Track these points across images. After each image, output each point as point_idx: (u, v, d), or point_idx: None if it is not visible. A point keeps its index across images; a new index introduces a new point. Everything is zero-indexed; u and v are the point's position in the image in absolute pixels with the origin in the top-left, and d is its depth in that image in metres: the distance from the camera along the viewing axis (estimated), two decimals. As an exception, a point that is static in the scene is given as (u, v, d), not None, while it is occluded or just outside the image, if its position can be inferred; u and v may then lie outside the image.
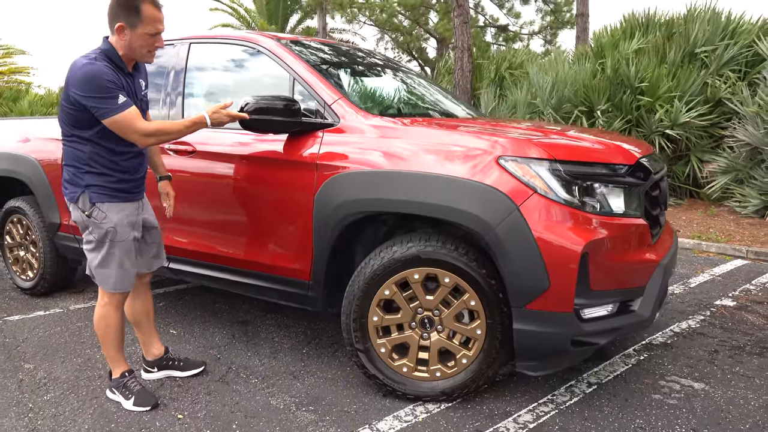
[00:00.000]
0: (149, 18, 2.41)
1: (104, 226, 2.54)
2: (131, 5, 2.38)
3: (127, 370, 2.77)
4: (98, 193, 2.52)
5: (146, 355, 2.99)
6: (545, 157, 2.38)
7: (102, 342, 2.72)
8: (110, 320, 2.68)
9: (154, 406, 2.67)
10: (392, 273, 2.59)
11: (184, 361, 3.03)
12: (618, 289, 2.49)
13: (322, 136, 2.82)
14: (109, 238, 2.55)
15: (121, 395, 2.70)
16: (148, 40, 2.45)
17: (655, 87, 7.77)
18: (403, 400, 2.69)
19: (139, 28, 2.41)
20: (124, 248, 2.59)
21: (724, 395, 2.75)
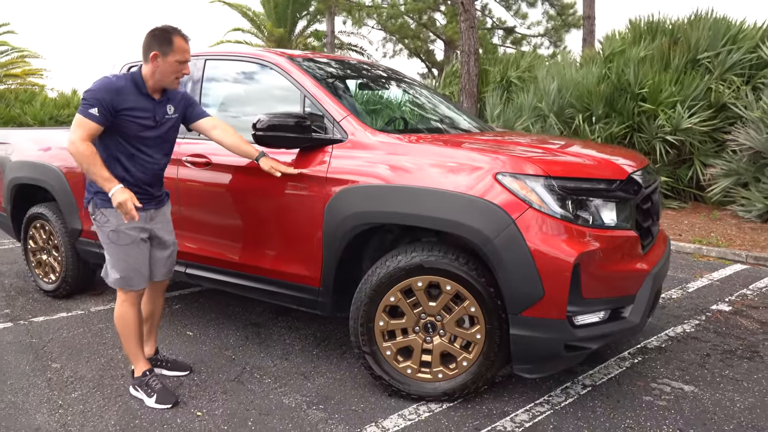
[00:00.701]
0: (179, 48, 2.75)
1: (106, 229, 2.82)
2: (166, 37, 2.74)
3: (149, 369, 2.98)
4: (103, 199, 2.78)
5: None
6: (540, 173, 2.55)
7: (123, 339, 2.94)
8: (128, 317, 2.91)
9: (174, 404, 2.86)
10: (397, 281, 2.77)
11: (172, 362, 3.24)
12: (609, 297, 2.65)
13: (331, 151, 3.00)
14: (111, 240, 2.82)
15: (144, 393, 2.90)
16: (176, 66, 2.77)
17: (657, 92, 7.89)
18: (408, 399, 2.86)
19: (170, 56, 2.74)
20: (131, 250, 2.84)
21: (711, 397, 2.90)
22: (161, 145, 2.92)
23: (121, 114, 2.71)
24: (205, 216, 3.49)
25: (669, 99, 7.84)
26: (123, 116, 2.72)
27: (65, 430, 2.64)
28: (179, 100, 2.98)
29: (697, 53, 8.32)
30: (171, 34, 2.75)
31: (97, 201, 2.81)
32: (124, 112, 2.72)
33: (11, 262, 5.71)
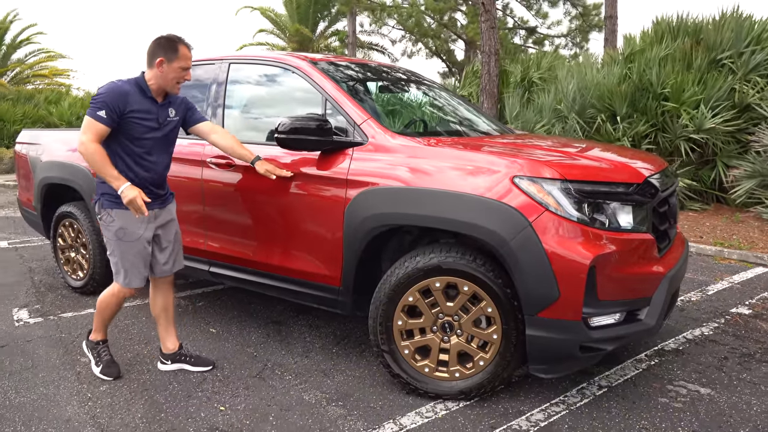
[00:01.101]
0: (183, 56, 2.96)
1: (112, 228, 3.01)
2: (171, 45, 2.95)
3: (103, 340, 3.31)
4: (109, 200, 2.98)
5: (163, 348, 3.34)
6: (557, 177, 2.59)
7: (97, 313, 3.26)
8: (112, 306, 3.21)
9: (116, 377, 3.17)
10: (415, 281, 2.83)
11: (195, 357, 3.35)
12: (625, 299, 2.68)
13: (351, 154, 3.06)
14: (117, 237, 3.01)
15: (93, 358, 3.27)
16: (180, 72, 2.97)
17: (680, 92, 7.83)
18: (425, 397, 2.92)
19: (175, 63, 2.95)
20: (133, 249, 3.03)
21: (728, 400, 2.91)
22: (163, 146, 3.10)
23: (127, 116, 2.90)
24: (229, 216, 3.58)
25: (692, 99, 7.78)
26: (129, 118, 2.91)
27: (94, 422, 2.74)
28: (179, 103, 3.18)
29: (720, 53, 8.24)
30: (176, 42, 2.96)
31: (104, 202, 3.00)
32: (129, 115, 2.90)
33: (41, 259, 5.88)
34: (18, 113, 17.87)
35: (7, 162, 14.50)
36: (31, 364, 3.36)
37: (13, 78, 24.63)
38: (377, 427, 2.68)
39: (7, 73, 24.03)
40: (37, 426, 2.70)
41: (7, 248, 6.41)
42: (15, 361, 3.40)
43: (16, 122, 17.61)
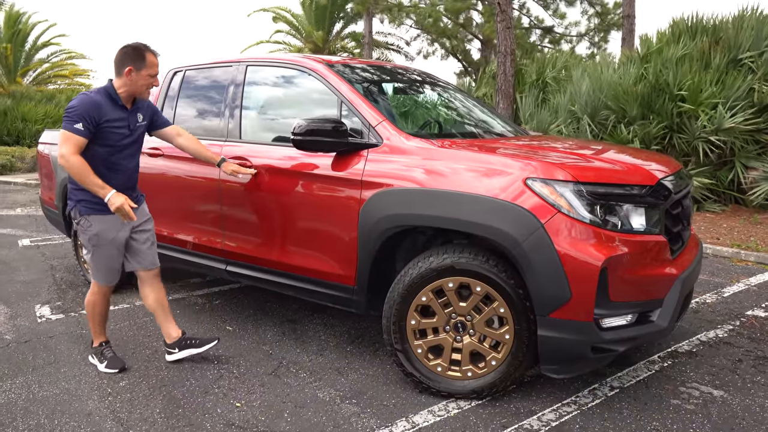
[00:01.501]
0: (150, 63, 3.11)
1: (88, 233, 3.15)
2: (139, 54, 3.08)
3: (105, 341, 3.42)
4: (86, 207, 3.11)
5: (166, 339, 3.46)
6: (569, 179, 2.61)
7: (89, 319, 3.39)
8: (97, 306, 3.35)
9: (121, 369, 3.29)
10: (429, 281, 2.86)
11: (199, 339, 3.47)
12: (637, 301, 2.69)
13: (366, 155, 3.11)
14: (93, 243, 3.16)
15: (97, 360, 3.34)
16: (149, 79, 3.12)
17: (697, 93, 7.77)
18: (437, 396, 2.95)
19: (143, 71, 3.09)
20: (107, 252, 3.20)
21: (741, 403, 2.91)
22: (134, 150, 3.26)
23: (102, 126, 3.03)
24: (245, 216, 3.64)
25: (709, 99, 7.71)
26: (104, 128, 3.05)
27: (114, 416, 2.81)
28: (146, 108, 3.32)
29: (740, 53, 8.16)
30: (143, 51, 3.09)
31: (81, 208, 3.12)
32: (104, 124, 3.03)
33: (62, 257, 6.00)
34: (40, 113, 18.18)
35: (29, 161, 14.75)
36: (54, 359, 3.45)
37: (35, 78, 25.02)
38: (390, 425, 2.72)
39: (29, 73, 24.41)
40: (59, 419, 2.78)
41: (29, 246, 6.54)
42: (38, 356, 3.49)
43: (38, 122, 17.92)
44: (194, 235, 3.96)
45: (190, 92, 4.19)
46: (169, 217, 4.11)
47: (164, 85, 4.33)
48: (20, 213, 8.81)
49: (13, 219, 8.28)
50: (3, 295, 4.70)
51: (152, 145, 4.08)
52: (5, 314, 4.23)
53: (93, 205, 3.09)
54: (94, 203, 3.09)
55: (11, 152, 14.89)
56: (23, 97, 19.07)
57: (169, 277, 5.08)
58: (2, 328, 3.95)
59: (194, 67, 4.21)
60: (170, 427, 2.71)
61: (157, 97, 4.34)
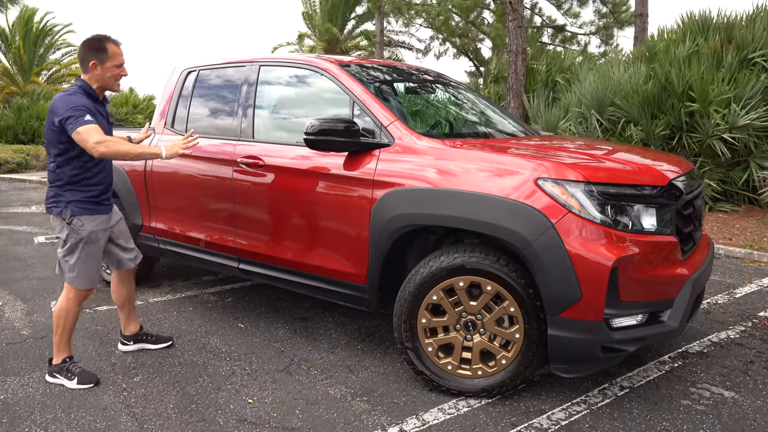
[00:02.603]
0: (113, 53, 3.08)
1: (82, 233, 3.10)
2: (99, 46, 3.06)
3: (68, 356, 3.22)
4: (78, 207, 3.09)
5: (124, 331, 3.59)
6: (580, 179, 2.62)
7: (57, 329, 3.18)
8: (71, 314, 3.19)
9: (96, 383, 3.14)
10: (439, 280, 2.88)
11: (155, 336, 3.62)
12: (647, 301, 2.70)
13: (378, 155, 3.13)
14: (83, 242, 3.11)
15: (64, 378, 3.14)
16: (115, 70, 3.10)
17: (706, 91, 7.70)
18: (447, 394, 2.98)
19: (108, 62, 3.07)
20: (93, 252, 3.16)
21: (752, 404, 2.91)
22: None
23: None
24: (258, 215, 3.68)
25: (720, 98, 7.64)
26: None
27: (129, 411, 2.86)
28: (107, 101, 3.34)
29: (753, 51, 8.09)
30: (103, 42, 3.06)
31: (73, 209, 3.09)
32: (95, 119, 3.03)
33: (76, 254, 6.06)
34: (54, 111, 18.34)
35: (43, 159, 14.90)
36: (69, 354, 3.51)
37: (50, 77, 25.26)
38: (400, 422, 2.74)
39: (43, 72, 24.65)
40: (76, 413, 2.83)
41: (44, 243, 6.63)
42: (54, 352, 3.54)
43: (52, 120, 18.08)
44: (207, 233, 4.00)
45: (204, 92, 4.23)
46: (182, 215, 4.15)
47: (178, 85, 4.38)
48: (35, 210, 8.92)
49: (29, 216, 8.38)
50: (20, 291, 4.77)
51: (166, 144, 4.13)
52: (22, 310, 4.30)
53: (85, 204, 3.10)
54: (85, 203, 3.10)
55: (26, 150, 15.07)
56: (39, 96, 19.26)
57: (182, 275, 5.14)
58: (19, 324, 4.02)
59: (208, 66, 4.25)
60: (184, 423, 2.75)
61: (170, 97, 4.39)
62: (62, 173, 3.08)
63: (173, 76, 4.46)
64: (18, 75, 23.98)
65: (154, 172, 4.25)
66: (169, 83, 4.46)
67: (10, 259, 5.86)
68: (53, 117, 2.98)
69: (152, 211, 4.34)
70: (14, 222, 7.90)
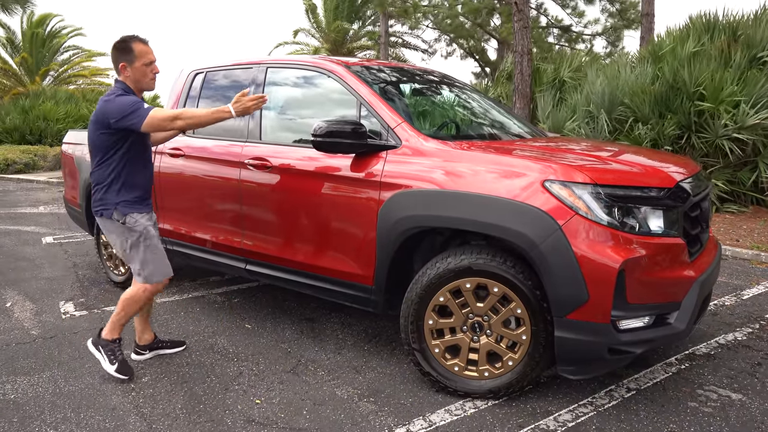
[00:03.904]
0: (140, 52, 3.08)
1: (138, 229, 3.16)
2: (126, 47, 3.08)
3: (120, 339, 3.29)
4: (127, 205, 3.14)
5: (139, 340, 3.53)
6: (588, 181, 2.62)
7: (123, 314, 3.22)
8: (140, 303, 3.24)
9: (130, 377, 3.19)
10: (446, 282, 2.89)
11: (169, 341, 3.61)
12: (654, 303, 2.70)
13: (385, 157, 3.14)
14: (143, 237, 3.16)
15: (107, 357, 3.21)
16: (145, 69, 3.11)
17: (717, 91, 7.67)
18: (454, 395, 2.98)
19: (136, 62, 3.09)
20: (154, 245, 3.22)
21: (760, 407, 2.90)
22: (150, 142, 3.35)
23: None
24: (265, 216, 3.70)
25: (730, 97, 7.61)
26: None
27: (138, 411, 2.88)
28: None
29: (762, 50, 8.05)
30: (129, 42, 3.08)
31: (123, 208, 3.13)
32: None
33: (84, 254, 6.11)
34: (61, 112, 18.46)
35: (50, 159, 14.99)
36: (78, 354, 3.53)
37: (56, 78, 25.37)
38: (407, 423, 2.75)
39: (49, 73, 24.76)
40: (85, 413, 2.85)
41: (52, 243, 6.67)
42: (63, 352, 3.57)
43: (59, 121, 18.20)
44: (214, 234, 4.02)
45: (211, 93, 4.26)
46: (189, 216, 4.18)
47: (186, 86, 4.40)
48: (43, 211, 8.97)
49: (37, 216, 8.44)
50: (28, 291, 4.81)
51: (173, 146, 4.16)
52: (31, 310, 4.33)
53: (132, 203, 3.15)
54: (132, 201, 3.15)
55: (34, 151, 15.15)
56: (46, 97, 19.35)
57: (189, 276, 5.16)
58: (28, 324, 4.05)
59: (215, 68, 4.27)
60: (192, 423, 2.77)
61: (178, 98, 4.41)
62: (108, 175, 3.11)
63: (181, 78, 4.49)
64: (25, 76, 24.11)
65: (161, 173, 4.27)
66: (177, 84, 4.49)
67: (18, 259, 5.90)
68: (107, 120, 2.99)
69: (159, 212, 4.36)
70: (22, 222, 7.95)
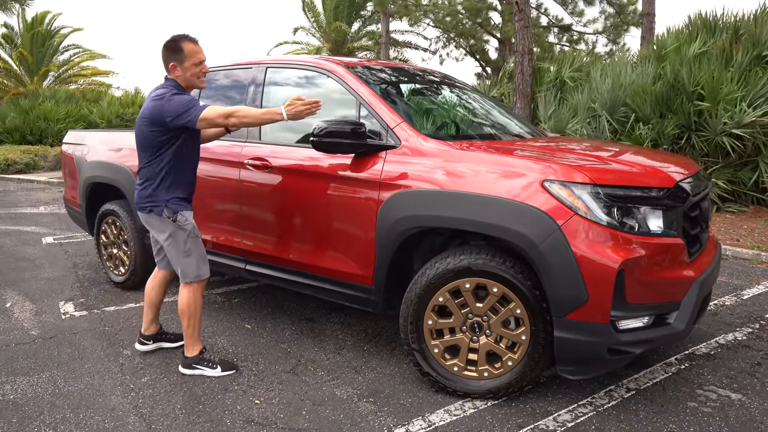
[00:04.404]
0: (190, 52, 3.11)
1: (188, 227, 3.20)
2: (176, 47, 3.10)
3: (204, 348, 3.36)
4: (176, 203, 3.18)
5: (145, 331, 3.57)
6: (587, 181, 2.62)
7: (190, 322, 3.27)
8: (198, 304, 3.28)
9: (237, 368, 3.30)
10: (446, 282, 2.89)
11: (173, 334, 3.66)
12: (654, 303, 2.70)
13: (385, 157, 3.14)
14: (192, 235, 3.20)
15: (206, 368, 3.27)
16: (195, 69, 3.14)
17: (716, 90, 7.66)
18: (454, 396, 2.98)
19: (186, 62, 3.11)
20: (199, 243, 3.25)
21: (760, 407, 2.90)
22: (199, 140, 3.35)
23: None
24: (265, 216, 3.70)
25: (729, 96, 7.60)
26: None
27: (137, 411, 2.88)
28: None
29: (763, 49, 8.04)
30: (179, 42, 3.11)
31: (173, 206, 3.17)
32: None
33: (84, 254, 6.11)
34: (61, 112, 18.47)
35: (51, 160, 14.99)
36: (78, 355, 3.53)
37: (57, 78, 25.38)
38: (407, 424, 2.75)
39: (49, 72, 24.77)
40: (84, 413, 2.85)
41: (52, 243, 6.67)
42: (63, 352, 3.57)
43: (60, 121, 18.21)
44: (214, 234, 4.02)
45: (211, 92, 4.25)
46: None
47: (185, 87, 4.40)
48: (43, 211, 8.97)
49: (37, 217, 8.44)
50: (28, 291, 4.81)
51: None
52: (31, 310, 4.33)
53: (180, 201, 3.19)
54: (181, 199, 3.19)
55: (34, 151, 15.16)
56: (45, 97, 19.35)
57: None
58: (28, 324, 4.05)
59: (215, 68, 4.27)
60: (191, 423, 2.77)
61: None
62: (158, 172, 3.14)
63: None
64: (25, 76, 24.12)
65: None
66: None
67: (18, 259, 5.90)
68: (163, 118, 3.01)
69: (160, 212, 4.35)
70: (23, 222, 7.95)
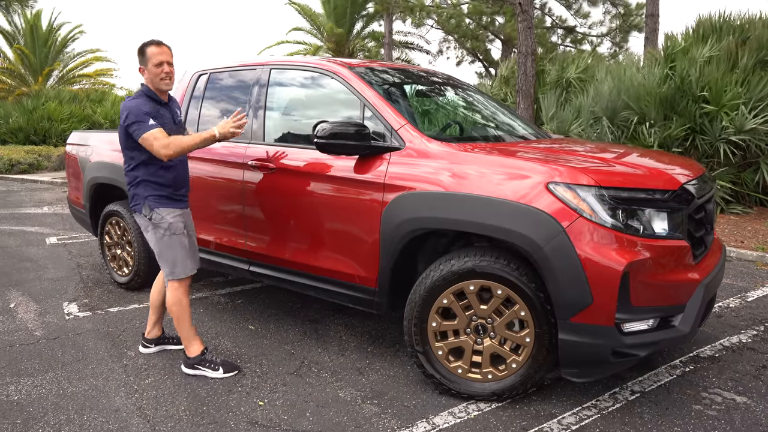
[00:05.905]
0: (151, 54, 3.21)
1: (163, 225, 3.24)
2: (141, 51, 3.24)
3: (205, 348, 3.35)
4: (155, 200, 3.24)
5: (148, 334, 3.60)
6: (592, 183, 2.61)
7: (179, 323, 3.31)
8: (183, 302, 3.31)
9: (240, 369, 3.31)
10: (450, 284, 2.89)
11: (176, 338, 3.64)
12: (658, 306, 2.69)
13: (389, 158, 3.14)
14: (168, 232, 3.23)
15: (208, 369, 3.27)
16: (156, 69, 3.20)
17: (720, 94, 7.65)
18: (458, 398, 2.98)
19: (149, 64, 3.21)
20: (179, 240, 3.27)
21: (765, 410, 2.89)
22: None
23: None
24: (268, 217, 3.69)
25: (733, 101, 7.59)
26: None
27: (141, 412, 2.88)
28: (177, 105, 3.47)
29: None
30: (144, 46, 3.24)
31: (151, 203, 3.23)
32: (157, 122, 3.14)
33: (87, 255, 6.12)
34: (65, 112, 18.51)
35: (55, 160, 15.02)
36: (82, 356, 3.54)
37: (60, 78, 25.43)
38: (411, 426, 2.75)
39: (53, 72, 24.81)
40: (88, 414, 2.85)
41: (56, 244, 6.69)
42: (67, 353, 3.58)
43: (63, 121, 18.25)
44: (217, 235, 4.02)
45: (215, 94, 4.26)
46: (192, 217, 4.17)
47: (190, 87, 4.41)
48: (47, 211, 8.99)
49: (41, 217, 8.46)
50: (32, 292, 4.82)
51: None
52: (35, 311, 4.34)
53: (160, 198, 3.23)
54: (161, 196, 3.24)
55: (38, 151, 15.19)
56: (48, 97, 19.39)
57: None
58: (32, 325, 4.06)
59: (219, 69, 4.28)
60: (195, 425, 2.77)
61: (182, 98, 4.41)
62: (138, 173, 3.23)
63: (185, 79, 4.49)
64: (29, 76, 24.17)
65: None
66: (180, 85, 4.49)
67: (22, 259, 5.91)
68: (123, 122, 3.14)
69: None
70: (26, 223, 7.97)
